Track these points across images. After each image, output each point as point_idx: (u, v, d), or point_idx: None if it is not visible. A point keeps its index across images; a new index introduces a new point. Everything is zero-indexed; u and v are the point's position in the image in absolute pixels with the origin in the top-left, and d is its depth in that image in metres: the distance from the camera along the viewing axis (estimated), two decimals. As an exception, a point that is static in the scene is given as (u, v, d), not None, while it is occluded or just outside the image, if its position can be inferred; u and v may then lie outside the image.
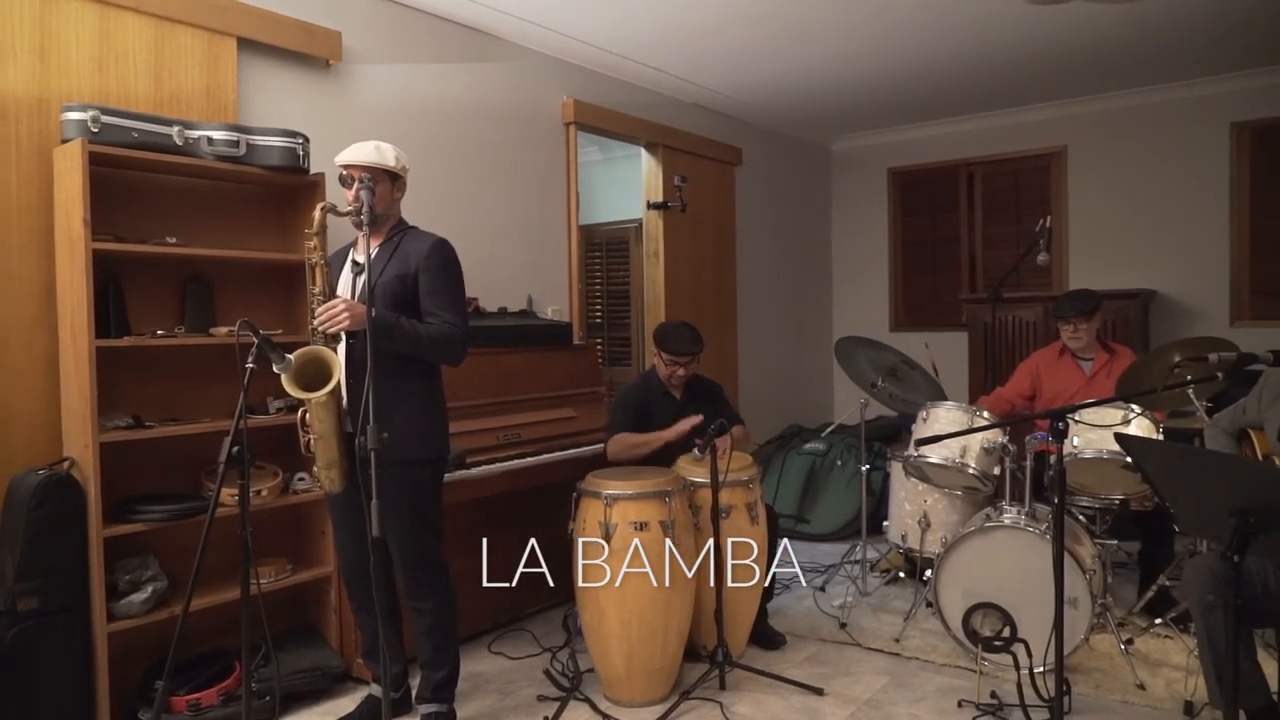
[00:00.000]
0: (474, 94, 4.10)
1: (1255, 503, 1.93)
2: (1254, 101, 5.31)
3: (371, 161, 2.55)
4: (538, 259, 4.45)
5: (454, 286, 2.65)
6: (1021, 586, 3.07)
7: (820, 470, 5.25)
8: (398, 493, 2.53)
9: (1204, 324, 5.46)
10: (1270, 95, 5.26)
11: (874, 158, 6.80)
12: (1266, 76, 5.23)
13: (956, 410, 3.49)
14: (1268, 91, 5.26)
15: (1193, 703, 2.79)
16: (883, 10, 4.10)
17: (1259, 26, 4.44)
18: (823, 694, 2.99)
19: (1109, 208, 5.82)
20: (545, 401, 3.77)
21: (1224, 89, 5.38)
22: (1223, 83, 5.36)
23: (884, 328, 6.72)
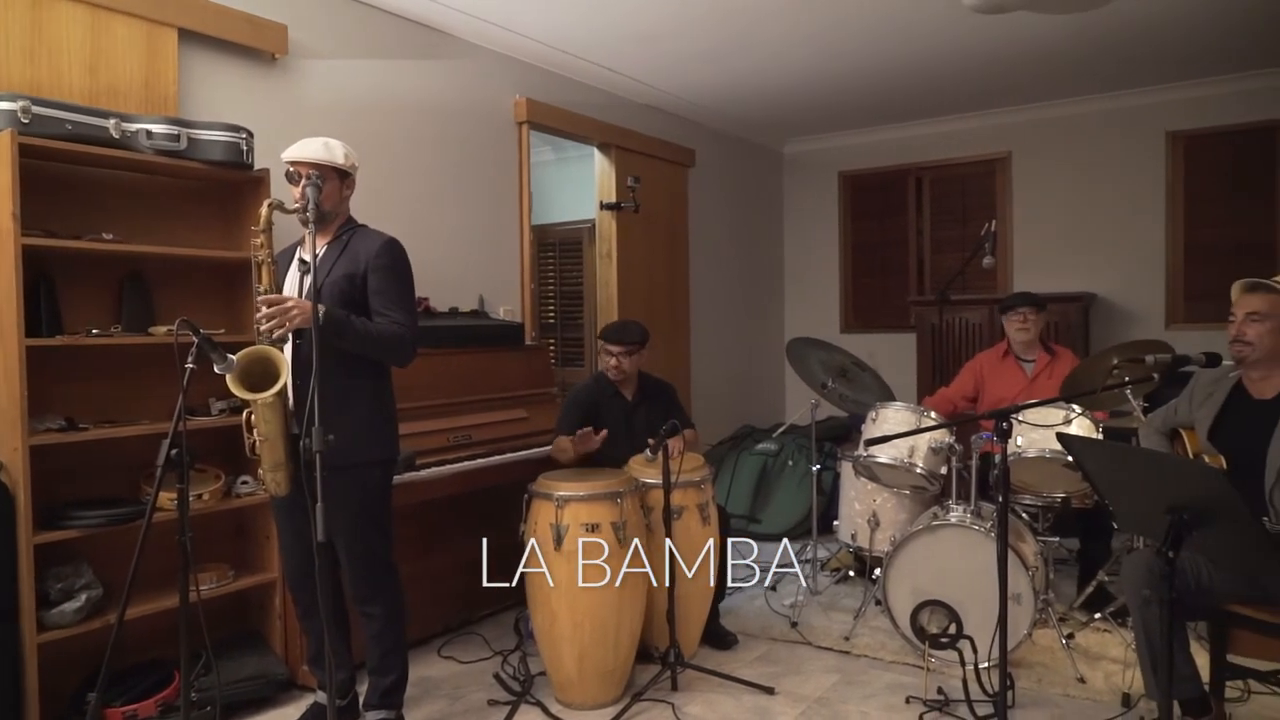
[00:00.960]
0: (425, 91, 4.05)
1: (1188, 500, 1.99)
2: (1188, 112, 5.50)
3: (319, 158, 2.50)
4: (489, 259, 4.41)
5: (404, 286, 2.61)
6: (967, 584, 3.13)
7: (772, 470, 5.29)
8: (346, 495, 2.48)
9: (1141, 327, 5.63)
10: (1203, 106, 5.44)
11: (825, 161, 6.88)
12: (1200, 88, 5.41)
13: (905, 411, 3.54)
14: (1201, 103, 5.44)
15: (1130, 694, 2.87)
16: (832, 17, 4.15)
17: (1194, 40, 4.59)
18: (774, 693, 3.01)
19: (1051, 213, 5.97)
20: (497, 402, 3.74)
21: (1160, 99, 5.56)
22: (1159, 93, 5.53)
23: (835, 329, 6.81)
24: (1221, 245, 5.48)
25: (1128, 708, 2.82)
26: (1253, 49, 4.80)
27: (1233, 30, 4.47)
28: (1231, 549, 2.09)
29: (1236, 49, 4.79)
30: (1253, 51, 4.85)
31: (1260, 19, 4.30)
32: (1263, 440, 2.36)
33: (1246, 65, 5.11)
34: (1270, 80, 5.22)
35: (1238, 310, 2.44)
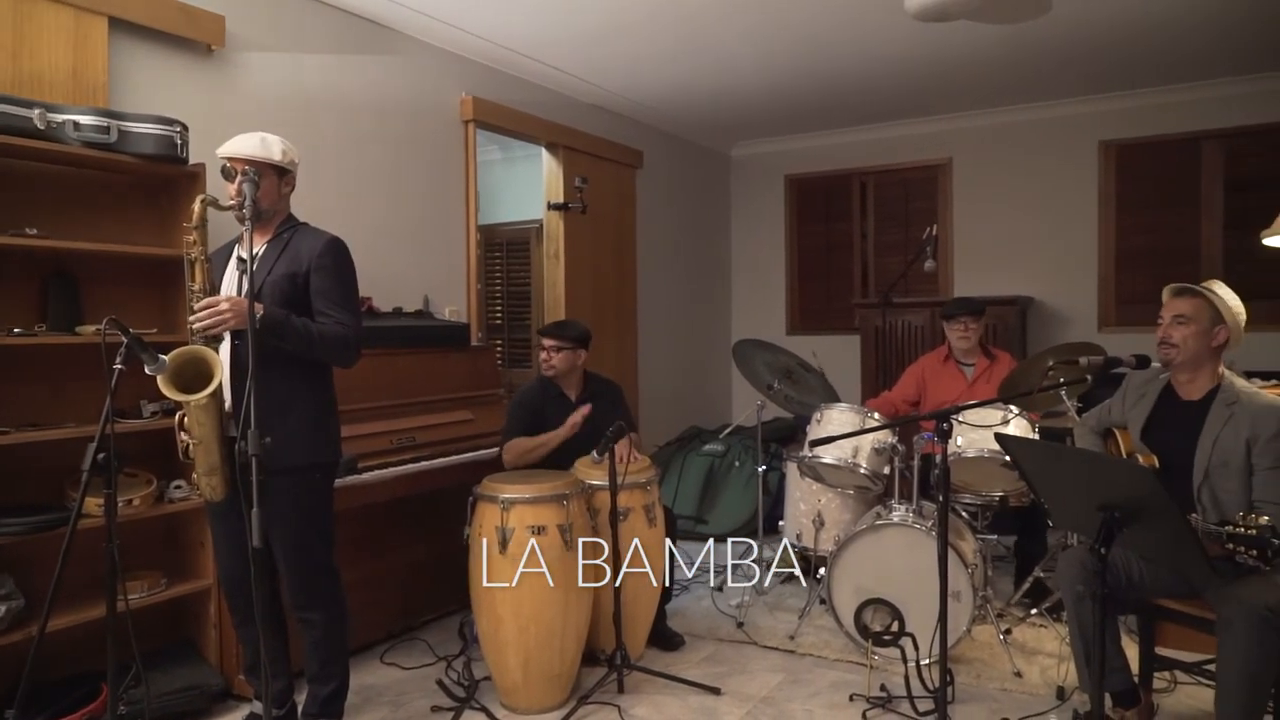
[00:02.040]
0: (369, 88, 3.98)
1: (1119, 498, 2.05)
2: (1120, 122, 5.68)
3: (256, 154, 2.44)
4: (435, 258, 4.35)
5: (347, 286, 2.56)
6: (909, 582, 3.18)
7: (719, 471, 5.32)
8: (286, 499, 2.43)
9: (1075, 330, 5.79)
10: (1135, 116, 5.63)
11: (772, 164, 6.94)
12: (1131, 99, 5.59)
13: (849, 412, 3.58)
14: (1133, 113, 5.63)
15: (1064, 687, 2.94)
16: (779, 22, 4.19)
17: (1125, 53, 4.74)
18: (720, 693, 3.02)
19: (990, 218, 6.11)
20: (442, 404, 3.69)
21: (1093, 109, 5.73)
22: (1092, 104, 5.71)
23: (781, 331, 6.88)
24: (1150, 251, 5.67)
25: (1062, 700, 2.90)
26: (1180, 63, 4.98)
27: (1161, 45, 4.63)
28: (1160, 545, 2.16)
29: (1165, 63, 4.96)
30: (1180, 66, 5.03)
31: (1186, 36, 4.46)
32: (1191, 440, 2.44)
33: (1173, 79, 5.30)
34: (1195, 93, 5.42)
35: (1165, 313, 2.52)
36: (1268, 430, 2.30)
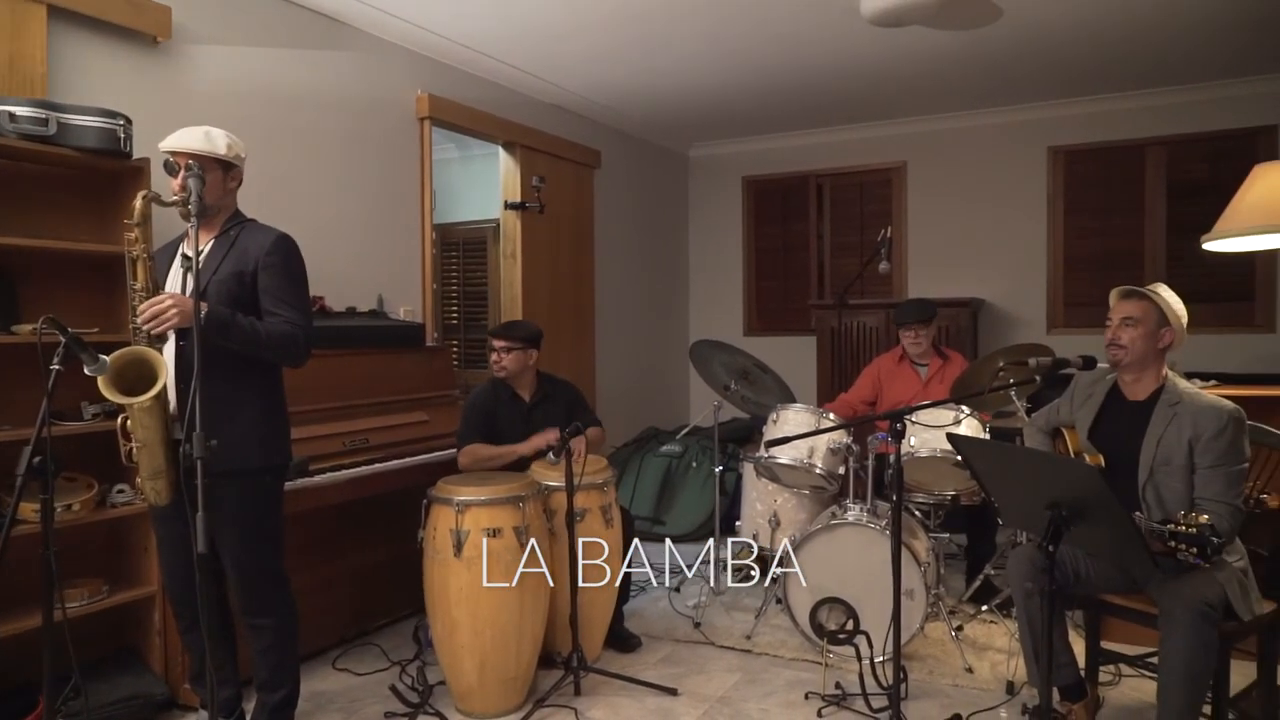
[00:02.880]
0: (321, 83, 3.91)
1: (1066, 496, 2.09)
2: (1068, 128, 5.81)
3: (200, 149, 2.37)
4: (389, 257, 4.28)
5: (297, 284, 2.51)
6: (864, 580, 3.21)
7: (676, 472, 5.33)
8: (234, 503, 2.37)
9: (1025, 331, 5.91)
10: (1082, 123, 5.76)
11: (729, 166, 6.97)
12: (1079, 105, 5.72)
13: (805, 413, 3.61)
14: (1080, 120, 5.76)
15: (1013, 682, 3.00)
16: (737, 25, 4.21)
17: (1073, 61, 4.85)
18: (677, 694, 3.02)
19: (944, 221, 6.21)
20: (395, 405, 3.64)
21: (1043, 115, 5.85)
22: (1042, 109, 5.83)
23: (738, 332, 6.91)
24: (1096, 255, 5.81)
25: (1011, 695, 2.95)
26: (1125, 72, 5.11)
27: (1107, 55, 4.74)
28: (1106, 542, 2.21)
29: (1111, 72, 5.09)
30: (1125, 75, 5.16)
31: (1131, 46, 4.57)
32: (1136, 439, 2.50)
33: (1119, 87, 5.43)
34: (1139, 101, 5.56)
35: (1114, 315, 2.57)
36: (1209, 430, 2.36)
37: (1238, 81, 5.27)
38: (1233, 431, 2.36)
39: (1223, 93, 5.35)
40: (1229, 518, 2.31)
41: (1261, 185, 2.82)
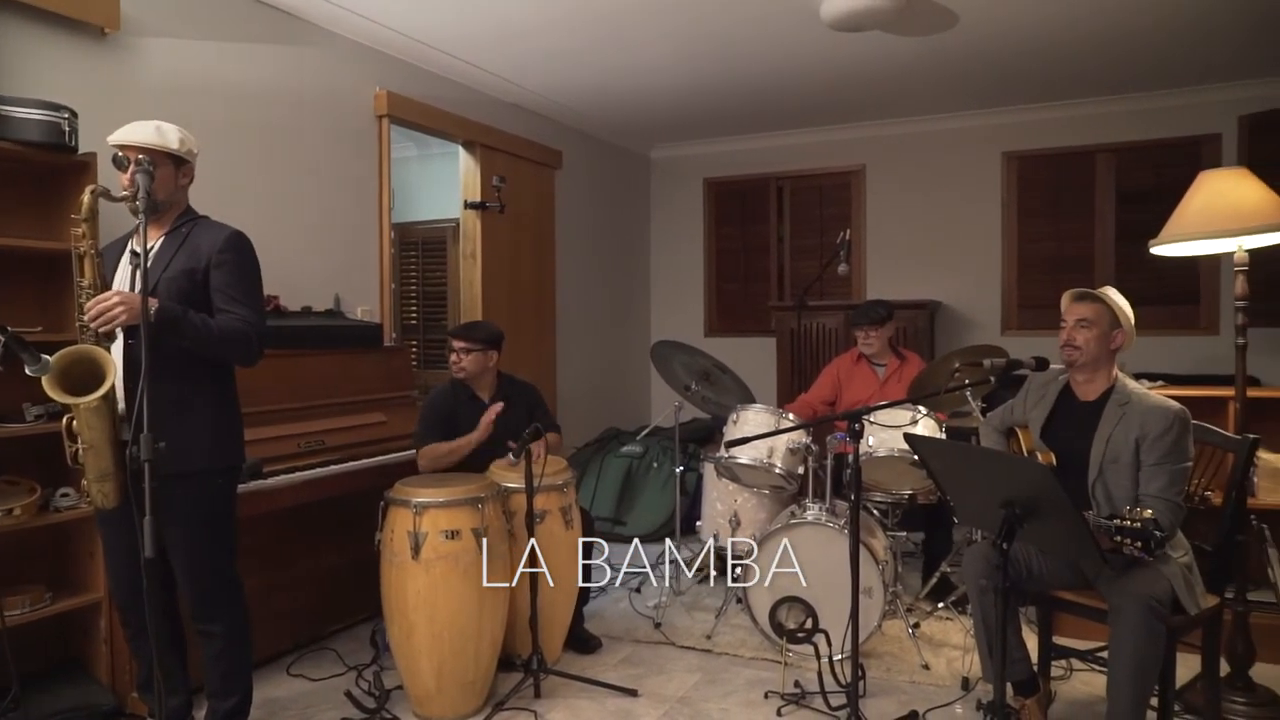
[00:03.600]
0: (277, 78, 3.84)
1: (1020, 495, 2.13)
2: (1022, 134, 5.92)
3: (151, 143, 2.32)
4: (346, 257, 4.22)
5: (250, 281, 2.45)
6: (823, 579, 3.24)
7: (637, 473, 5.32)
8: (185, 506, 2.31)
9: (980, 333, 6.02)
10: (1034, 129, 5.88)
11: (691, 167, 7.00)
12: (1033, 112, 5.84)
13: (765, 413, 3.63)
14: (1033, 126, 5.88)
15: (968, 678, 3.04)
16: (698, 27, 4.22)
17: (1027, 69, 4.94)
18: (637, 695, 3.01)
19: (901, 224, 6.29)
20: (353, 406, 3.59)
21: (997, 121, 5.96)
22: (997, 115, 5.94)
23: (699, 332, 6.93)
24: (1049, 259, 5.93)
25: (967, 691, 2.99)
26: (1076, 81, 5.22)
27: (1059, 62, 4.85)
28: (1057, 539, 2.25)
29: (1062, 80, 5.20)
30: (1076, 83, 5.28)
31: (1082, 55, 4.68)
32: (1087, 438, 2.55)
33: (1070, 94, 5.55)
34: (1090, 108, 5.69)
35: (1068, 317, 2.63)
36: (1155, 429, 2.42)
37: (1183, 91, 5.42)
38: (1178, 431, 2.42)
39: (1169, 102, 5.50)
40: (1170, 513, 2.36)
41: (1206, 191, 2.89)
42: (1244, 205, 2.78)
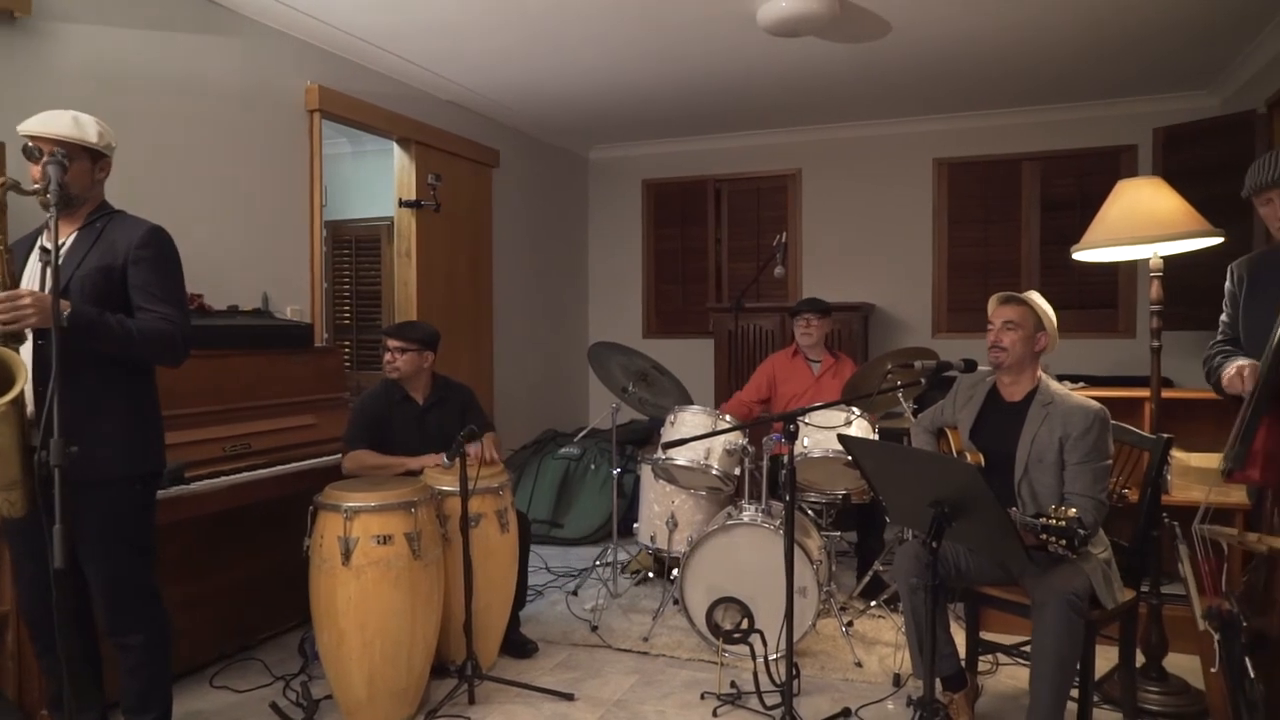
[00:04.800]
0: (202, 69, 3.71)
1: (948, 494, 2.17)
2: (951, 141, 6.08)
3: (66, 134, 2.21)
4: (275, 254, 4.11)
5: (171, 278, 2.36)
6: (759, 580, 3.26)
7: (574, 475, 5.30)
8: (100, 513, 2.22)
9: (912, 335, 6.15)
10: (964, 137, 6.04)
11: (629, 169, 7.00)
12: (962, 120, 5.99)
13: (702, 414, 3.65)
14: (962, 134, 6.03)
15: (900, 674, 3.10)
16: (635, 28, 4.22)
17: (956, 78, 5.07)
18: (573, 699, 2.99)
19: (836, 228, 6.40)
20: (281, 408, 3.49)
21: (929, 128, 6.10)
22: (928, 122, 6.08)
23: (637, 334, 6.94)
24: (977, 263, 6.10)
25: (898, 687, 3.05)
26: (1003, 90, 5.38)
27: (987, 73, 4.98)
28: (984, 537, 2.30)
29: (991, 89, 5.35)
30: (1003, 93, 5.43)
31: (1010, 66, 4.82)
32: (1013, 438, 2.62)
33: (998, 104, 5.72)
34: (1017, 118, 5.87)
35: (995, 320, 2.70)
36: (1077, 429, 2.50)
37: (1104, 103, 5.63)
38: (1098, 430, 2.50)
39: (1090, 113, 5.70)
40: (1094, 511, 2.45)
41: (1124, 200, 3.00)
42: (1159, 213, 2.90)
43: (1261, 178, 2.36)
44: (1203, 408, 3.37)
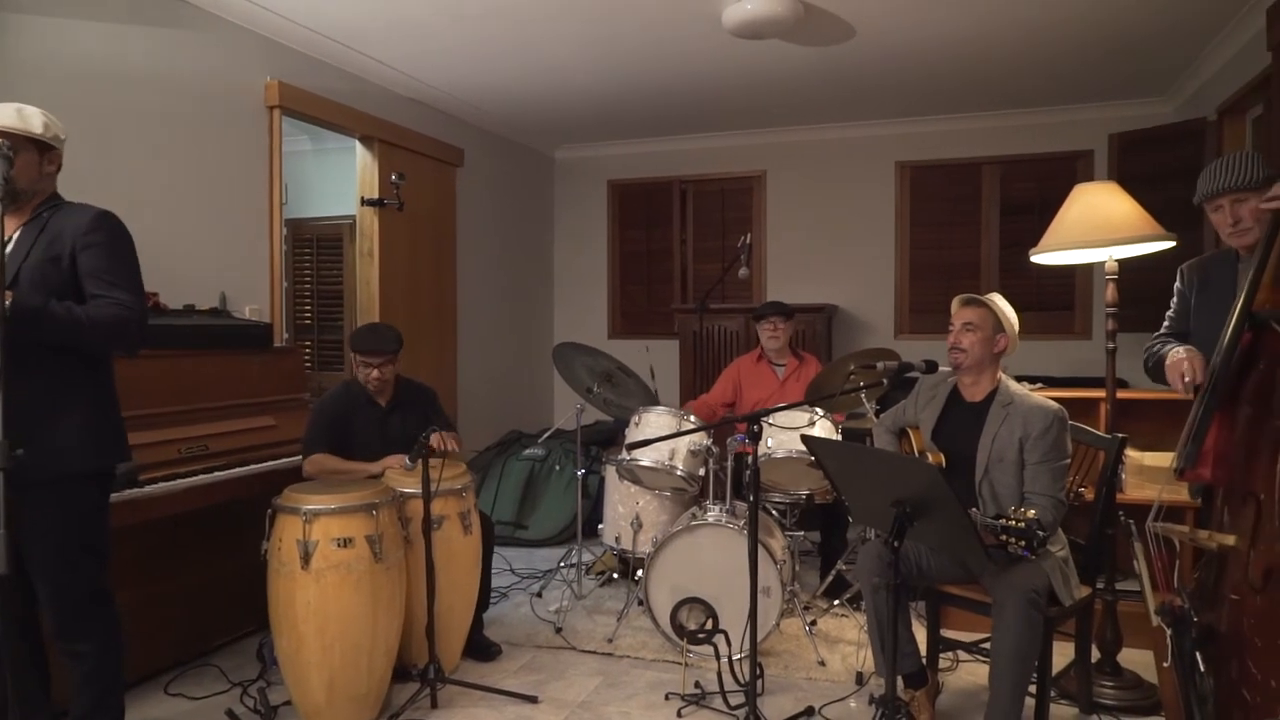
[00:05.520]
0: (159, 63, 3.63)
1: (910, 494, 2.19)
2: (913, 145, 6.15)
3: (12, 126, 2.15)
4: (234, 253, 4.03)
5: (123, 261, 2.27)
6: (723, 580, 3.27)
7: (539, 476, 5.27)
8: (51, 514, 2.15)
9: (875, 336, 6.21)
10: (926, 141, 6.11)
11: (595, 169, 6.99)
12: (924, 124, 6.07)
13: (666, 415, 3.64)
14: (924, 137, 6.11)
15: (862, 673, 3.12)
16: (603, 29, 4.21)
17: (917, 82, 5.13)
18: (537, 701, 2.97)
19: (800, 230, 6.44)
20: (240, 409, 3.43)
21: (891, 132, 6.17)
22: (891, 126, 6.15)
23: (603, 334, 6.93)
24: (939, 265, 6.18)
25: (860, 685, 3.07)
26: (965, 95, 5.46)
27: (949, 78, 5.05)
28: (944, 536, 2.33)
29: (953, 94, 5.42)
30: (965, 97, 5.51)
31: (971, 72, 4.89)
32: (974, 439, 2.65)
33: (960, 108, 5.80)
34: (978, 122, 5.96)
35: (955, 321, 2.73)
36: (1036, 429, 2.54)
37: (1062, 109, 5.73)
38: (1057, 430, 2.54)
39: (1049, 119, 5.81)
40: (1053, 510, 2.49)
41: (1081, 204, 3.06)
42: (1114, 218, 2.96)
43: (1212, 185, 2.41)
44: (1156, 407, 3.44)
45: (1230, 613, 1.94)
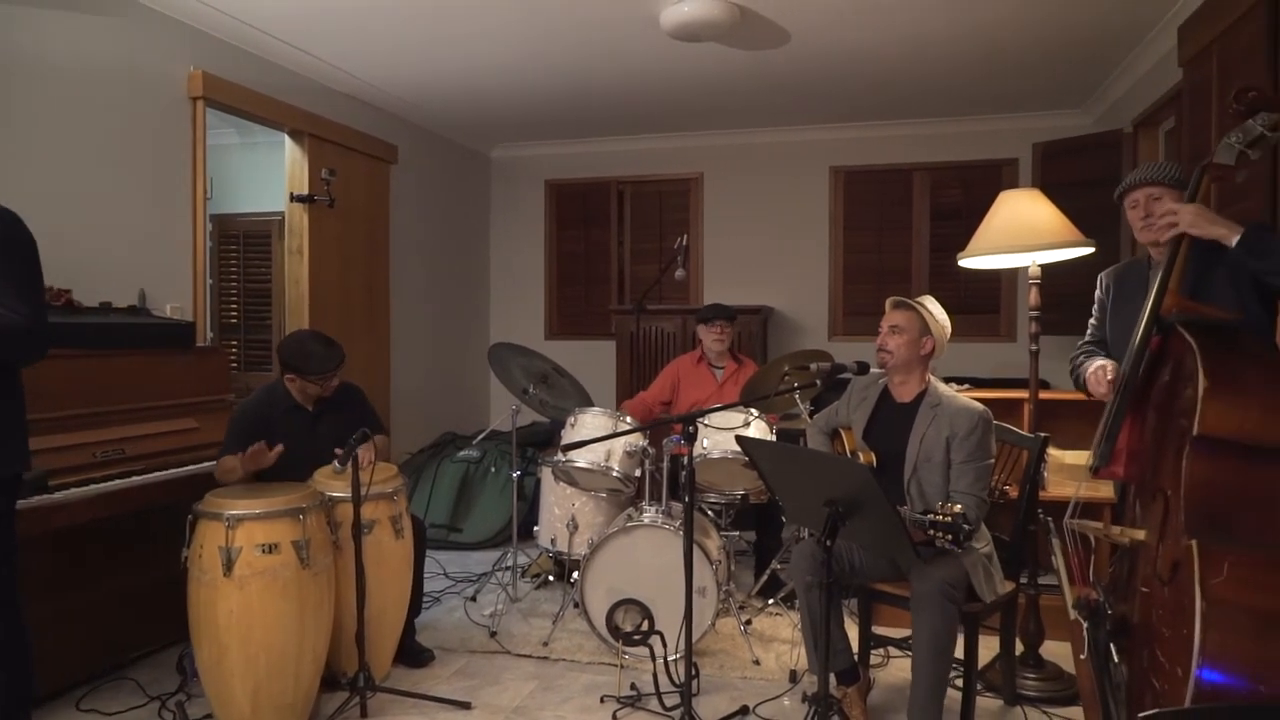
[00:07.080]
0: (76, 50, 3.47)
1: (841, 493, 2.22)
2: (847, 150, 6.26)
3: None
4: (154, 249, 3.88)
5: (21, 265, 2.16)
6: (659, 581, 3.27)
7: (474, 478, 5.20)
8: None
9: (809, 338, 6.30)
10: (859, 146, 6.22)
11: (532, 169, 6.94)
12: (857, 130, 6.18)
13: (602, 416, 3.63)
14: (858, 143, 6.22)
15: (796, 671, 3.16)
16: (538, 26, 4.18)
17: (852, 89, 5.22)
18: (470, 708, 2.93)
19: (736, 232, 6.50)
20: (159, 411, 3.30)
21: (826, 136, 6.27)
22: (826, 131, 6.24)
23: (539, 335, 6.88)
24: (871, 268, 6.30)
25: (794, 683, 3.11)
26: (896, 103, 5.58)
27: (881, 85, 5.15)
28: (875, 534, 2.37)
29: (884, 101, 5.53)
30: (895, 105, 5.63)
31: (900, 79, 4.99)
32: (903, 438, 2.71)
33: (891, 115, 5.92)
34: (909, 129, 6.09)
35: (884, 323, 2.79)
36: (962, 430, 2.61)
37: (988, 118, 5.90)
38: (982, 431, 2.61)
39: (976, 127, 5.97)
40: (976, 508, 2.55)
41: (1005, 210, 3.15)
42: (1037, 224, 3.05)
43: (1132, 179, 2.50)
44: (1075, 408, 3.57)
45: (1141, 604, 2.01)
